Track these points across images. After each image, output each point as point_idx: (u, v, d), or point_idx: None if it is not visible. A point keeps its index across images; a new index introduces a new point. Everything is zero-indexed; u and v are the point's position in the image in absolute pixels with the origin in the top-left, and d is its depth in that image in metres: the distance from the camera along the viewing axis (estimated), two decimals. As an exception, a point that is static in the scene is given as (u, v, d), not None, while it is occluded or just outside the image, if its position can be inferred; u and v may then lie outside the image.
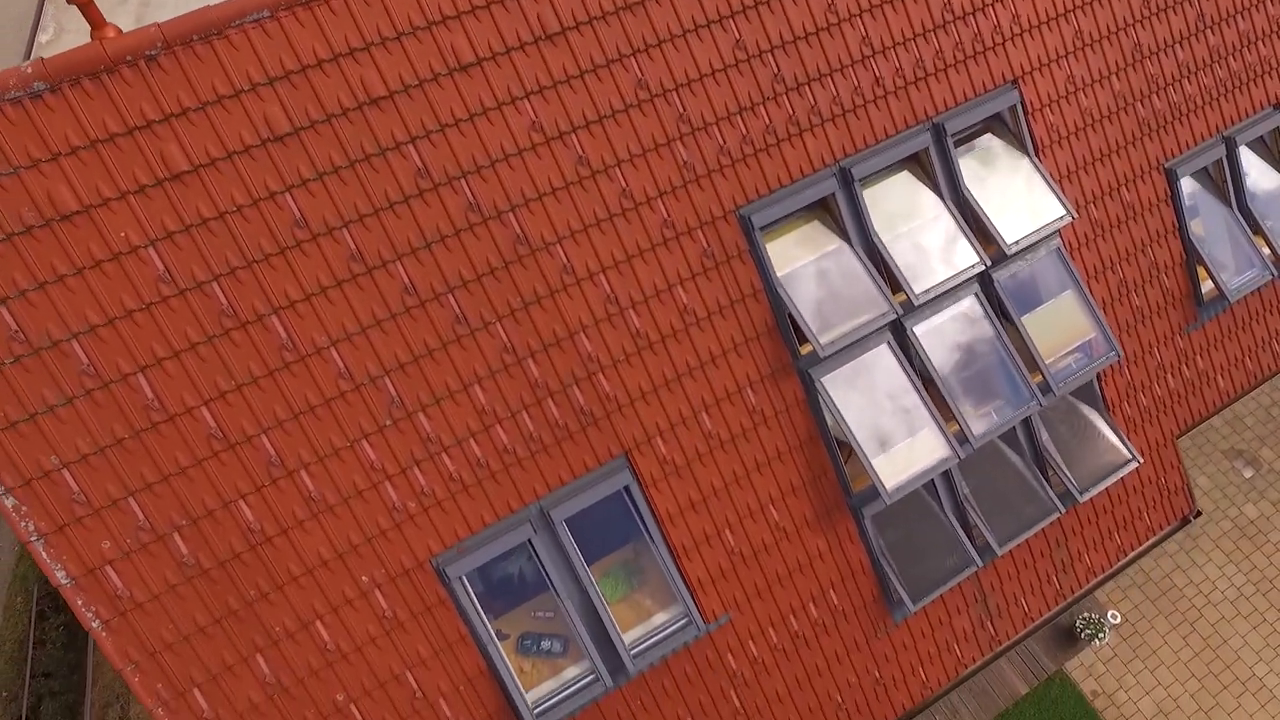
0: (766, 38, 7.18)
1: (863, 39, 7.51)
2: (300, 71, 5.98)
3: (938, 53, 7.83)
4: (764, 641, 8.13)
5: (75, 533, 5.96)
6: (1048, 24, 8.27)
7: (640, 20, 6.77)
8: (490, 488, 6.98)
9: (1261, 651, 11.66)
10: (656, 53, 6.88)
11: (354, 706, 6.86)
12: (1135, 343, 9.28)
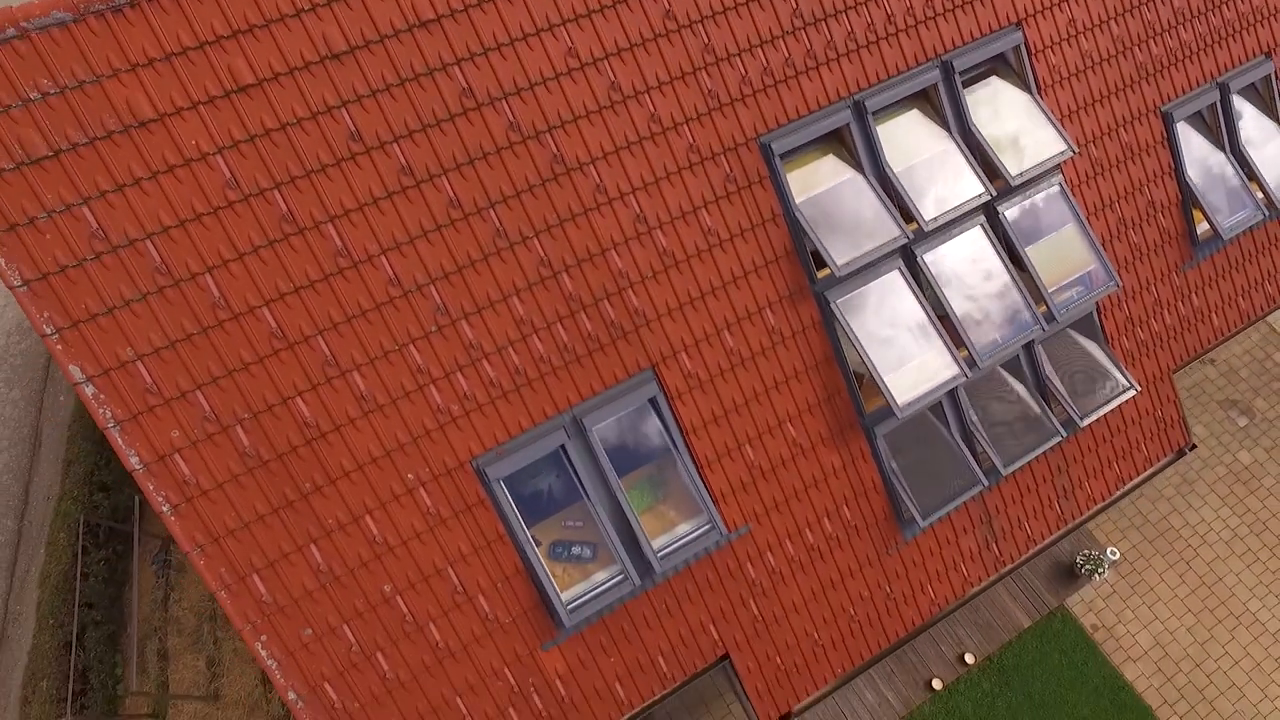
0: (786, -26, 7.64)
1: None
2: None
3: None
4: (781, 553, 8.59)
5: (147, 421, 6.42)
6: (1050, -31, 8.73)
7: (669, -46, 7.23)
8: (527, 394, 7.43)
9: (1255, 588, 12.10)
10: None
11: (400, 598, 7.31)
12: (1133, 279, 9.74)
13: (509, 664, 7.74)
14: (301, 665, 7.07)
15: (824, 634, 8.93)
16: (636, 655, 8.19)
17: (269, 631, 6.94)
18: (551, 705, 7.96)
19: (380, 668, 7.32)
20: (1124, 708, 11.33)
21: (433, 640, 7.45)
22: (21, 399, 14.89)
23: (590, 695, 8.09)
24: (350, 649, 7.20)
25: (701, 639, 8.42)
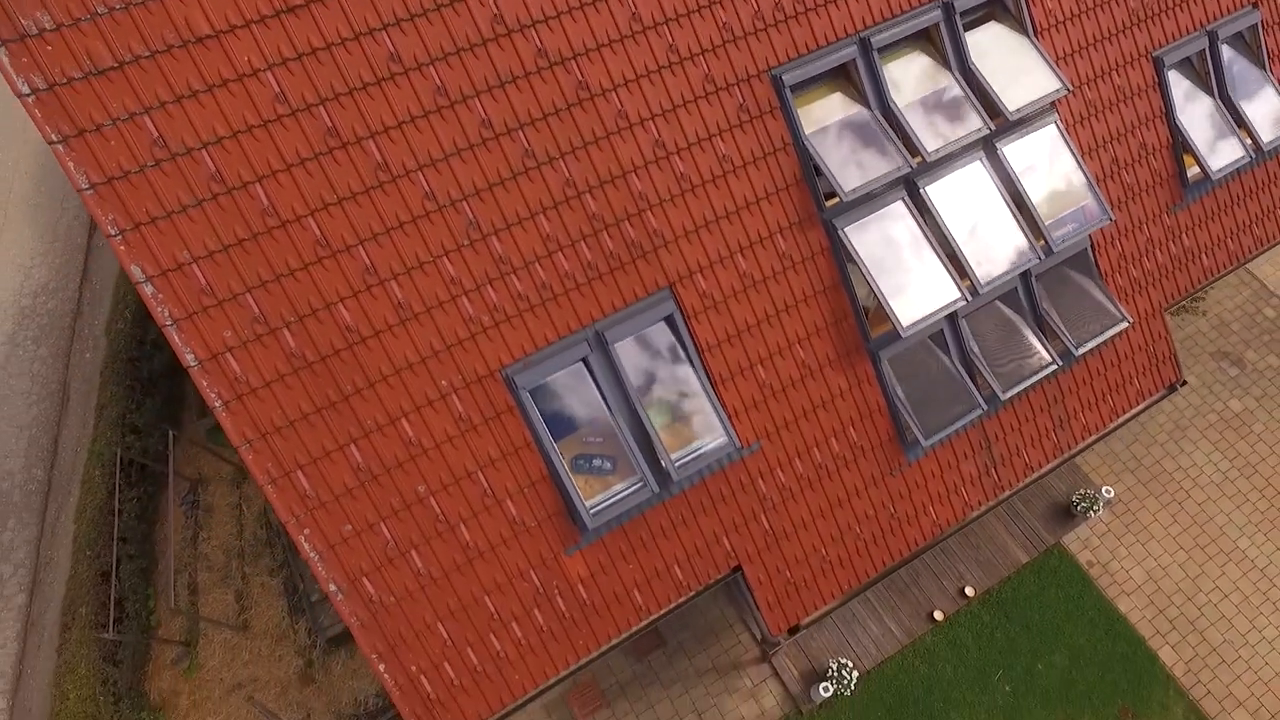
0: (796, -85, 8.09)
1: (881, -79, 8.42)
2: (397, -79, 6.89)
3: (948, -63, 8.72)
4: (790, 470, 9.04)
5: (202, 321, 6.87)
6: (1046, -83, 9.18)
7: (687, -108, 7.68)
8: (553, 309, 7.88)
9: (1244, 527, 12.54)
10: (701, -77, 7.79)
11: (433, 499, 7.76)
12: (1126, 218, 10.19)
13: (534, 566, 8.19)
14: (341, 559, 7.53)
15: (831, 551, 9.38)
16: (654, 563, 8.64)
17: (311, 525, 7.39)
18: (574, 608, 8.41)
19: (414, 565, 7.77)
20: (1118, 638, 11.77)
21: (463, 540, 7.90)
22: (49, 355, 15.36)
23: (610, 600, 8.54)
24: (387, 546, 7.65)
25: (715, 550, 8.87)
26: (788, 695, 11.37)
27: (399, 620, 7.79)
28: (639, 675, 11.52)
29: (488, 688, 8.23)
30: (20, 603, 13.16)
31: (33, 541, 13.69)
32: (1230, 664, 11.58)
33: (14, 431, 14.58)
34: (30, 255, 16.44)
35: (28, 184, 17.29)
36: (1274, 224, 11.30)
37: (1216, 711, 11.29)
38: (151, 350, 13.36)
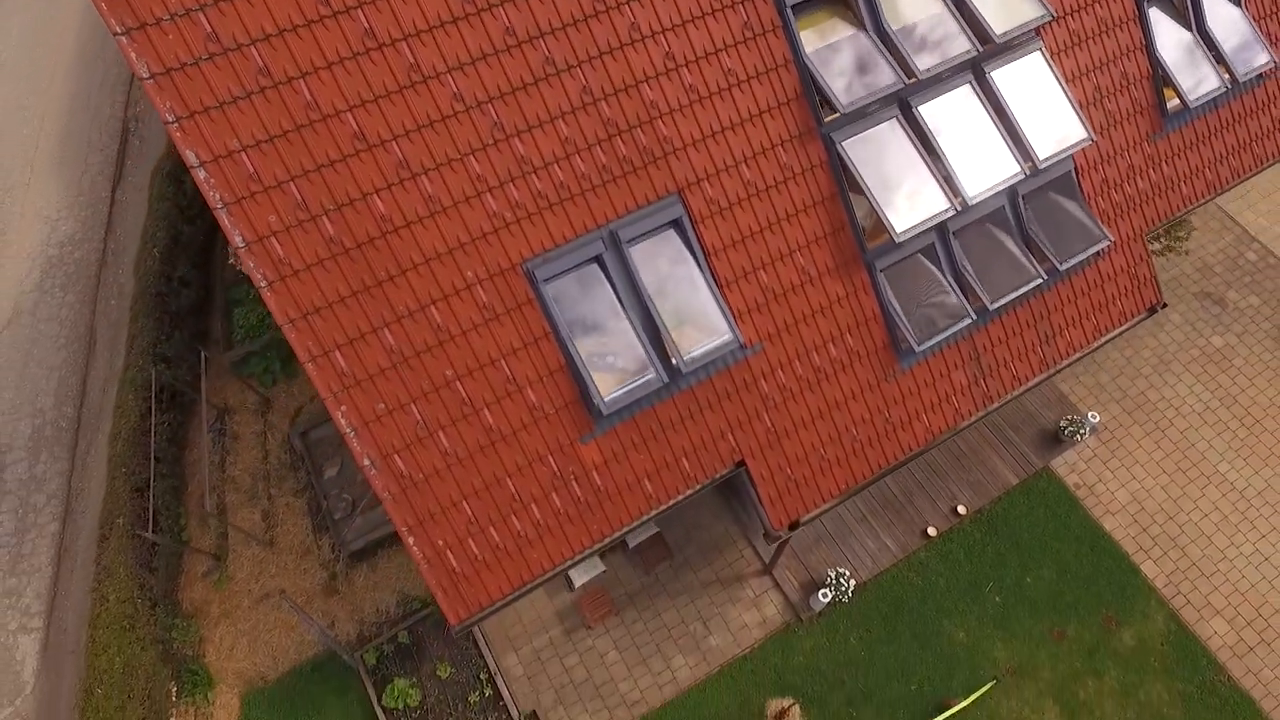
0: None
1: None
2: None
3: None
4: (791, 372, 9.63)
5: (249, 205, 7.46)
6: None
7: None
8: (570, 208, 8.47)
9: (1224, 453, 13.12)
10: None
11: (459, 383, 8.35)
12: (1108, 144, 10.78)
13: (552, 452, 8.78)
14: (375, 436, 8.12)
15: (829, 451, 9.97)
16: (663, 454, 9.22)
17: (348, 402, 7.99)
18: (589, 493, 9.00)
19: (441, 445, 8.36)
20: (1102, 553, 12.36)
21: (487, 424, 8.49)
22: (76, 302, 15.94)
23: (622, 487, 9.13)
24: (416, 425, 8.24)
25: (721, 445, 9.46)
26: (788, 604, 11.97)
27: (427, 497, 8.38)
28: (646, 586, 12.12)
29: (509, 565, 8.83)
30: (53, 530, 13.75)
31: (64, 474, 14.27)
32: (1209, 577, 12.17)
33: (44, 372, 15.16)
34: (56, 209, 17.01)
35: (53, 141, 17.86)
36: (1250, 156, 11.89)
37: (1195, 619, 11.89)
38: (179, 287, 13.95)
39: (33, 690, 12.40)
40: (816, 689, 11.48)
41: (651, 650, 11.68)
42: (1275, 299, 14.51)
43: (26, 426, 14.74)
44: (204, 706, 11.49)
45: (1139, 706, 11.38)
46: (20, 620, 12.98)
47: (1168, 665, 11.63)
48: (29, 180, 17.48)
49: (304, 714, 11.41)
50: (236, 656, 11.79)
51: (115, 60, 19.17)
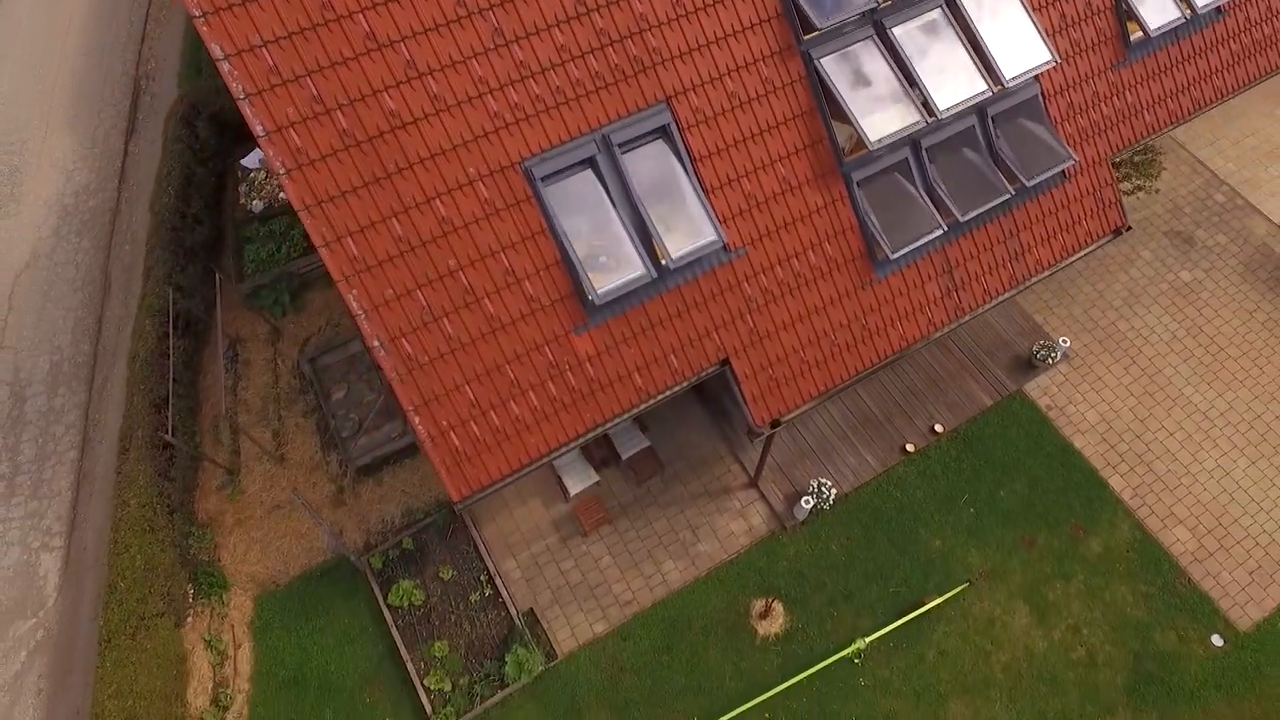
0: None
1: None
2: None
3: None
4: (772, 277, 10.26)
5: (269, 97, 8.10)
6: None
7: None
8: (565, 112, 9.10)
9: (1189, 378, 13.76)
10: None
11: (462, 273, 8.98)
12: (1074, 71, 11.42)
13: (548, 342, 9.42)
14: (384, 319, 8.76)
15: (809, 353, 10.61)
16: (652, 349, 9.86)
17: (359, 286, 8.63)
18: (582, 383, 9.64)
19: (445, 330, 9.00)
20: (1072, 469, 13.01)
21: (488, 312, 9.13)
22: (91, 247, 16.57)
23: (614, 379, 9.77)
24: (422, 311, 8.88)
25: (706, 343, 10.10)
26: (773, 514, 12.62)
27: (432, 379, 9.02)
28: (639, 498, 12.76)
29: (508, 448, 9.47)
30: (72, 458, 14.38)
31: (81, 406, 14.90)
32: (1172, 489, 12.82)
33: (61, 313, 15.80)
34: (71, 160, 17.64)
35: (68, 98, 18.49)
36: (1210, 89, 12.54)
37: (1159, 528, 12.53)
38: (193, 224, 14.57)
39: (55, 603, 13.04)
40: (799, 590, 12.12)
41: (643, 556, 12.32)
42: (1241, 237, 15.16)
43: (45, 363, 15.38)
44: (220, 607, 12.13)
45: (1104, 606, 12.03)
46: (42, 540, 13.62)
47: (1132, 569, 12.28)
48: (45, 134, 18.11)
49: (314, 614, 12.05)
50: (250, 561, 12.43)
51: (127, 20, 19.81)
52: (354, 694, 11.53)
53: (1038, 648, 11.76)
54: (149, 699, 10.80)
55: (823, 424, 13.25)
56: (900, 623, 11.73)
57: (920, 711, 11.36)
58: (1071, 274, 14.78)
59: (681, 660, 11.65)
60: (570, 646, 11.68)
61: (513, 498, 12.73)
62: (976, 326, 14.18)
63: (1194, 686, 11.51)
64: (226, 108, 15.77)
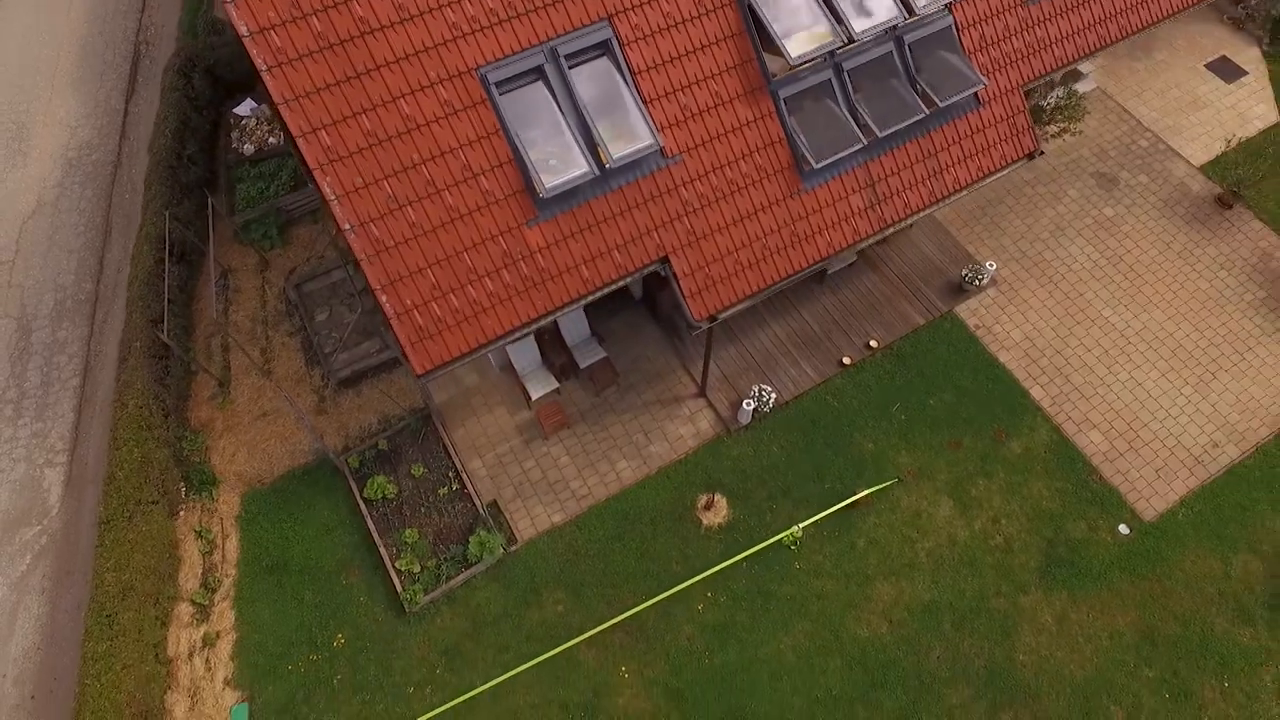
0: None
1: None
2: None
3: None
4: (707, 183, 11.39)
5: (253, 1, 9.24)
6: None
7: None
8: (516, 25, 10.26)
9: (1108, 301, 14.85)
10: None
11: (424, 166, 10.11)
12: (985, 6, 12.59)
13: (502, 233, 10.53)
14: (354, 205, 9.87)
15: (743, 255, 11.73)
16: (598, 244, 10.98)
17: (331, 174, 9.75)
18: (534, 272, 10.75)
19: (409, 217, 10.12)
20: (997, 381, 14.10)
21: (448, 204, 10.25)
22: (93, 196, 17.71)
23: (563, 269, 10.88)
24: (388, 199, 10.00)
25: (647, 240, 11.22)
26: (719, 419, 13.69)
27: (397, 261, 10.13)
28: (596, 405, 13.84)
29: (466, 328, 10.56)
30: (75, 384, 15.44)
31: (84, 339, 15.99)
32: (1088, 398, 13.91)
33: (65, 255, 16.92)
34: (75, 118, 18.81)
35: (72, 60, 19.68)
36: (1114, 28, 13.72)
37: (1074, 432, 13.61)
38: (188, 164, 15.71)
39: (57, 512, 14.06)
40: (742, 486, 13.18)
41: (599, 456, 13.39)
42: (1162, 178, 16.32)
43: (50, 300, 16.47)
44: (209, 502, 13.18)
45: (1022, 500, 13.08)
46: (47, 456, 14.66)
47: (1049, 468, 13.35)
48: (50, 94, 19.29)
49: (296, 509, 13.09)
50: (238, 462, 13.48)
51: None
52: (331, 577, 12.56)
53: (960, 536, 12.82)
54: (144, 574, 11.83)
55: (766, 340, 14.36)
56: (833, 510, 12.80)
57: (849, 591, 12.39)
58: (1002, 209, 15.94)
59: (632, 547, 12.70)
60: (530, 534, 12.73)
61: (480, 405, 13.82)
62: (911, 254, 15.32)
63: (1101, 569, 12.55)
64: (220, 61, 16.99)
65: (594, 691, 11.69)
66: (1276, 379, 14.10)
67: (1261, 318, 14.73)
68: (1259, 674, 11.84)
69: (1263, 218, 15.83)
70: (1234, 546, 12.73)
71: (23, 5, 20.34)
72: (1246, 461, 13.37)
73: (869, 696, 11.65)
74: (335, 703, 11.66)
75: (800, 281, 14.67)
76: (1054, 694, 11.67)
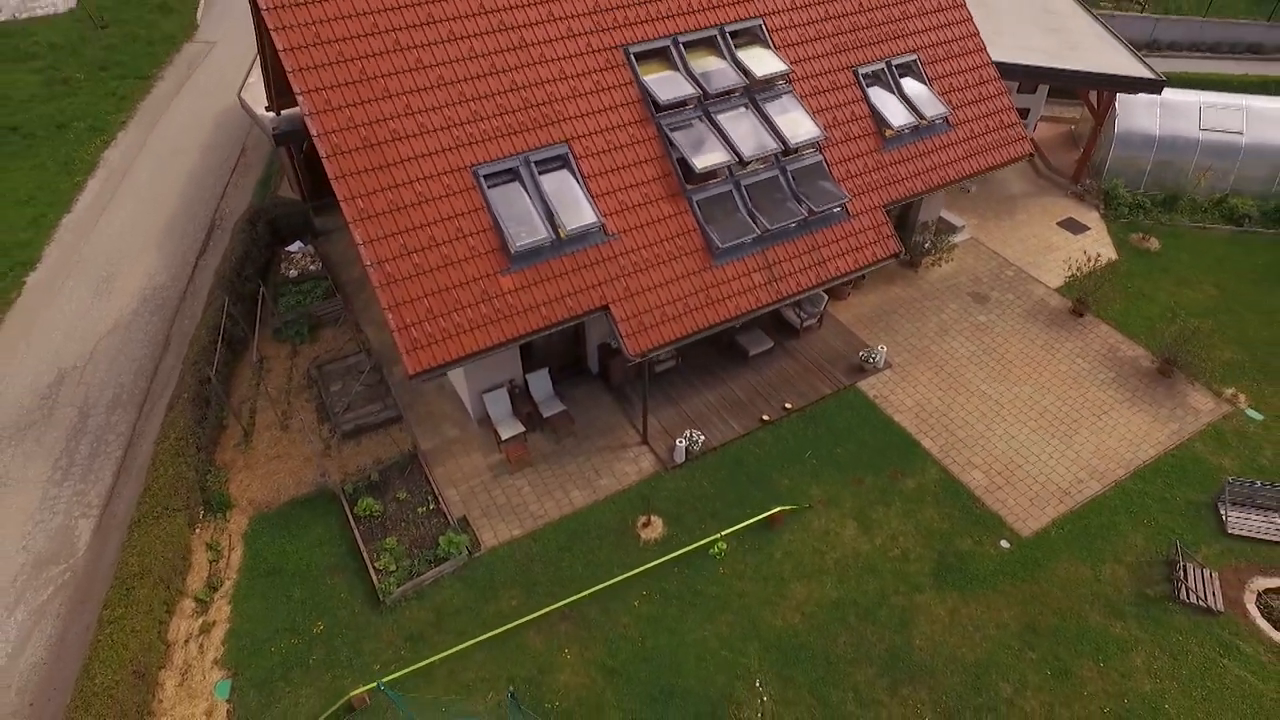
0: (635, -20, 16.28)
1: (682, -12, 16.62)
2: (437, -38, 14.93)
3: (720, -1, 16.89)
4: (639, 255, 15.22)
5: (325, 119, 13.72)
6: (777, -3, 17.44)
7: (578, -35, 15.90)
8: (502, 142, 14.74)
9: (985, 379, 17.85)
10: (585, -22, 15.91)
11: (429, 228, 13.99)
12: (850, 150, 17.30)
13: (482, 277, 14.16)
14: (375, 249, 13.60)
15: (668, 309, 15.22)
16: (555, 291, 14.55)
17: (361, 228, 13.59)
18: (504, 308, 14.21)
19: (414, 260, 13.82)
20: (893, 434, 16.78)
21: (443, 253, 14.01)
22: (159, 322, 21.75)
23: (528, 307, 14.35)
24: (401, 246, 13.77)
25: (593, 293, 14.79)
26: (658, 460, 16.27)
27: (402, 290, 13.66)
28: (555, 450, 16.51)
29: (450, 344, 13.80)
30: (117, 456, 18.29)
31: (131, 423, 19.10)
32: (971, 447, 16.53)
33: (129, 363, 20.56)
34: (155, 269, 23.47)
35: (161, 229, 24.81)
36: (944, 173, 18.35)
37: (959, 471, 16.07)
38: (245, 281, 19.83)
39: (83, 555, 16.28)
40: (676, 511, 15.43)
41: (555, 486, 15.82)
42: (1025, 295, 20.18)
43: (109, 394, 19.82)
44: (223, 522, 15.45)
45: (916, 522, 15.23)
46: (82, 509, 17.14)
47: (939, 499, 15.63)
48: (140, 251, 24.13)
49: (295, 527, 15.32)
50: (250, 491, 15.93)
51: (213, 186, 26.80)
52: (319, 579, 14.51)
53: (863, 549, 14.84)
54: (160, 562, 13.91)
55: (699, 404, 17.34)
56: (753, 520, 14.97)
57: (767, 590, 14.21)
58: (895, 317, 19.62)
59: (579, 555, 14.73)
60: (492, 543, 14.84)
61: (459, 450, 16.51)
62: (821, 346, 18.73)
63: (986, 574, 14.42)
64: (279, 217, 21.86)
65: (539, 669, 13.19)
66: (1128, 434, 16.81)
67: (1114, 391, 17.76)
68: (1130, 657, 13.30)
69: (1109, 322, 19.44)
70: (1101, 557, 14.68)
71: (134, 193, 25.99)
72: (1107, 493, 15.69)
73: (784, 673, 13.09)
74: (309, 678, 13.15)
75: (727, 359, 18.03)
76: (948, 672, 13.10)
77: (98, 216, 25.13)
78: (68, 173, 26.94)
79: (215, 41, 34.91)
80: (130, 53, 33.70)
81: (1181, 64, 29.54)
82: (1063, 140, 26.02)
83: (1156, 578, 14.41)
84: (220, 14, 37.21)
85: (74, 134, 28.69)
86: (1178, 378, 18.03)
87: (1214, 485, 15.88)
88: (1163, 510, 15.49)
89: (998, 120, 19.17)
